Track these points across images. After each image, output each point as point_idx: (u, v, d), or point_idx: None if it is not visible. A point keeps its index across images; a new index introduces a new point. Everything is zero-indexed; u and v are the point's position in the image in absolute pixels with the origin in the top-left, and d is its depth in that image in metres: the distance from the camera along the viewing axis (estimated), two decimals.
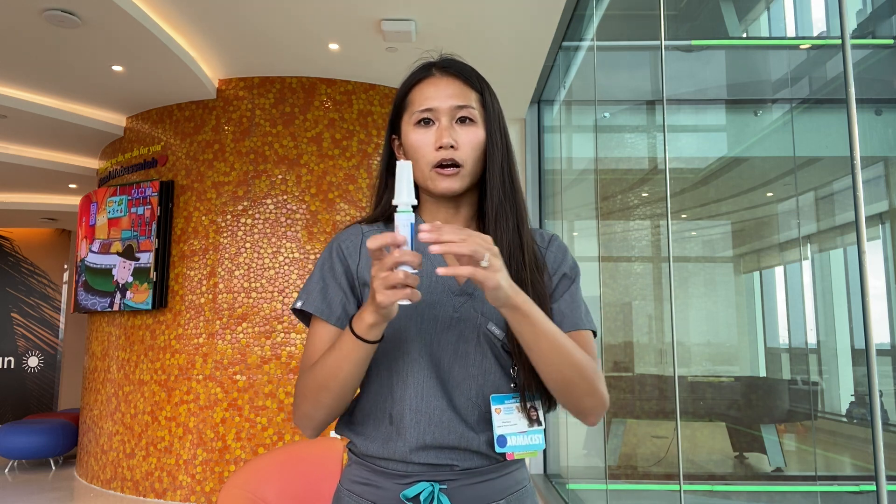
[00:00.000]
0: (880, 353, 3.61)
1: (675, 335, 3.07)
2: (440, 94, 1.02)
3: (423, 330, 0.99)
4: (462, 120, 1.02)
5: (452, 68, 1.05)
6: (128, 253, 5.01)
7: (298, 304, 1.03)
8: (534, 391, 1.00)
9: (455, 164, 1.01)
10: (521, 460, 1.05)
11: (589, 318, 1.06)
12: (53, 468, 5.91)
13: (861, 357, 4.29)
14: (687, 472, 4.80)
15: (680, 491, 2.89)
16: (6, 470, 5.82)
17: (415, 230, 0.84)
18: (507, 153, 1.05)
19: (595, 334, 1.06)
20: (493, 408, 0.98)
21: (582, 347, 0.99)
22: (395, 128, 1.08)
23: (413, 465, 0.97)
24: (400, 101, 1.07)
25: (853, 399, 4.46)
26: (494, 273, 0.83)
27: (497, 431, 0.97)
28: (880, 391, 3.06)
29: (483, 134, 1.03)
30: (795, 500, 4.84)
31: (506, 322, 0.95)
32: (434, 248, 0.81)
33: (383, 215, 1.09)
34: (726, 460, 5.26)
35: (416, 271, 0.84)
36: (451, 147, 1.00)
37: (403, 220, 0.85)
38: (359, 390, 1.06)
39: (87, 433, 5.30)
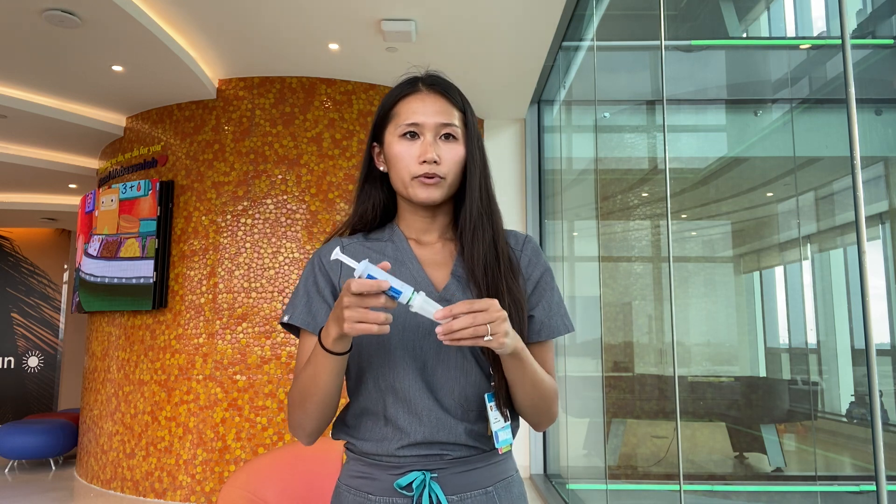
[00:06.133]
0: (880, 353, 3.61)
1: (675, 335, 3.07)
2: (426, 110, 1.07)
3: (406, 337, 1.04)
4: (446, 136, 1.08)
5: (438, 86, 1.10)
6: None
7: (285, 319, 1.10)
8: (505, 390, 1.06)
9: (437, 176, 1.06)
10: (509, 451, 1.12)
11: (565, 320, 1.13)
12: (53, 468, 5.91)
13: (861, 357, 4.29)
14: (687, 472, 4.80)
15: (680, 491, 2.89)
16: (6, 470, 5.82)
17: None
18: (485, 169, 1.11)
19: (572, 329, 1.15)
20: (488, 405, 1.03)
21: (548, 359, 1.11)
22: (377, 136, 1.13)
23: (405, 458, 1.03)
24: (385, 111, 1.12)
25: (853, 399, 4.46)
26: (498, 339, 0.90)
27: (493, 428, 1.03)
28: (880, 391, 3.06)
29: (464, 151, 1.09)
30: (795, 500, 4.84)
31: None
32: (445, 340, 0.89)
33: (361, 222, 1.15)
34: (726, 460, 5.26)
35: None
36: (435, 162, 1.05)
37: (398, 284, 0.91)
38: (348, 398, 1.12)
39: (87, 433, 5.30)
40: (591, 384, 4.92)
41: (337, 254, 0.93)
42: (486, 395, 1.04)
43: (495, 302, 0.91)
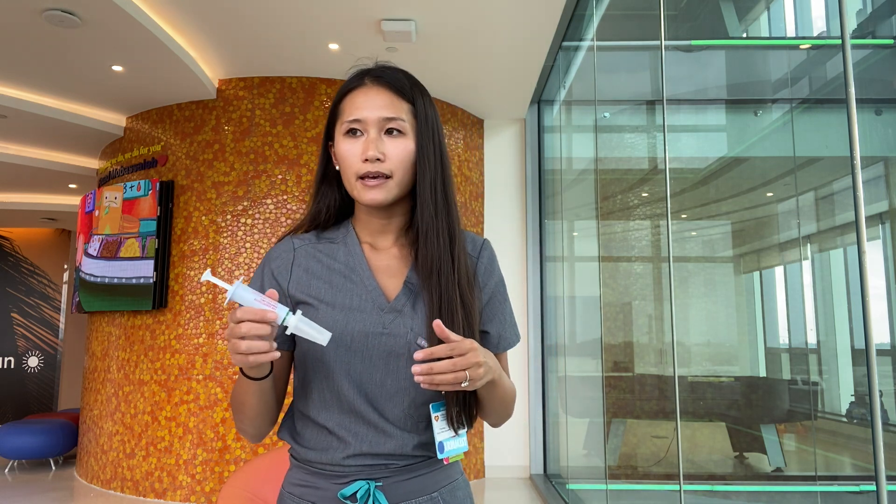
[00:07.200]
0: (880, 353, 3.61)
1: (675, 335, 3.07)
2: (369, 105, 1.02)
3: (354, 348, 1.01)
4: (390, 132, 1.02)
5: (385, 78, 1.04)
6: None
7: None
8: (457, 398, 1.02)
9: (381, 175, 1.01)
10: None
11: (514, 329, 1.13)
12: (53, 468, 5.91)
13: (861, 357, 4.29)
14: (687, 472, 4.80)
15: (680, 491, 2.89)
16: (6, 470, 5.82)
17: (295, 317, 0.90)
18: (441, 166, 1.04)
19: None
20: (433, 415, 1.00)
21: (505, 368, 1.12)
22: (331, 135, 1.09)
23: (350, 467, 1.01)
24: (333, 108, 1.08)
25: (853, 399, 4.46)
26: (474, 383, 0.92)
27: (437, 438, 1.00)
28: (880, 391, 3.06)
29: (413, 146, 1.02)
30: (795, 500, 4.84)
31: (432, 334, 0.97)
32: (422, 381, 0.89)
33: (314, 222, 1.11)
34: (726, 460, 5.26)
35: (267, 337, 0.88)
36: (378, 160, 1.00)
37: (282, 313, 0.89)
38: (293, 398, 1.11)
39: (87, 433, 5.30)
40: (591, 384, 4.92)
41: (207, 276, 0.90)
42: (431, 405, 1.01)
43: (476, 346, 0.90)
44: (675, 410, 3.04)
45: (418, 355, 0.88)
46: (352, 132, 1.03)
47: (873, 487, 1.55)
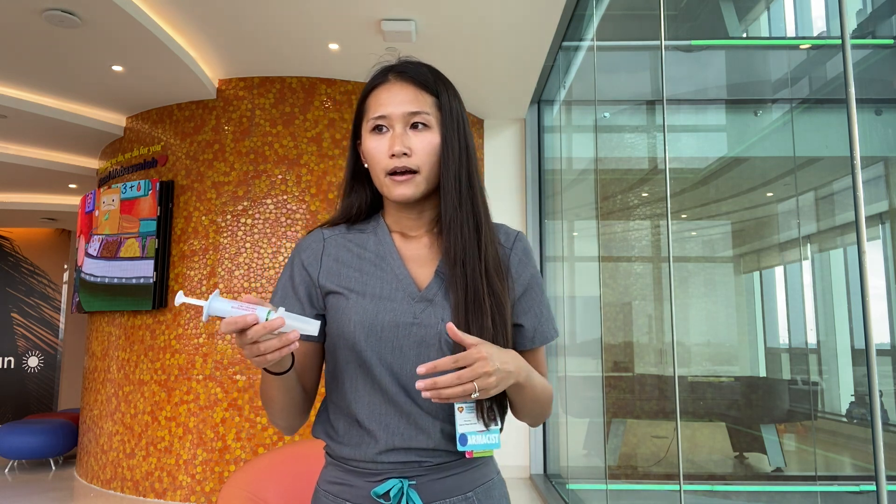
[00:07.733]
0: (880, 353, 3.61)
1: (675, 335, 3.07)
2: (393, 101, 1.03)
3: (385, 337, 1.00)
4: (416, 126, 1.02)
5: (408, 73, 1.05)
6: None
7: None
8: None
9: (409, 171, 1.01)
10: (489, 455, 1.07)
11: (552, 323, 1.10)
12: (53, 468, 5.91)
13: (861, 357, 4.29)
14: (687, 472, 4.80)
15: (680, 491, 2.89)
16: (6, 470, 5.82)
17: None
18: (466, 157, 1.04)
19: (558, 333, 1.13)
20: (456, 406, 0.98)
21: (541, 363, 1.10)
22: (358, 133, 1.10)
23: (383, 465, 1.00)
24: (359, 106, 1.08)
25: (853, 399, 4.46)
26: (486, 393, 0.90)
27: (459, 430, 0.98)
28: (880, 391, 3.06)
29: (438, 139, 1.03)
30: (795, 500, 4.84)
31: (459, 324, 0.98)
32: (429, 396, 0.88)
33: (345, 216, 1.12)
34: (726, 460, 5.26)
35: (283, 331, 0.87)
36: (405, 154, 1.01)
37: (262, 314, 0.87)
38: (325, 391, 1.10)
39: (87, 433, 5.30)
40: (591, 384, 4.92)
41: (181, 297, 0.88)
42: None
43: (482, 354, 0.89)
44: (675, 410, 3.04)
45: (421, 370, 0.87)
46: (378, 129, 1.03)
47: (873, 487, 1.56)
